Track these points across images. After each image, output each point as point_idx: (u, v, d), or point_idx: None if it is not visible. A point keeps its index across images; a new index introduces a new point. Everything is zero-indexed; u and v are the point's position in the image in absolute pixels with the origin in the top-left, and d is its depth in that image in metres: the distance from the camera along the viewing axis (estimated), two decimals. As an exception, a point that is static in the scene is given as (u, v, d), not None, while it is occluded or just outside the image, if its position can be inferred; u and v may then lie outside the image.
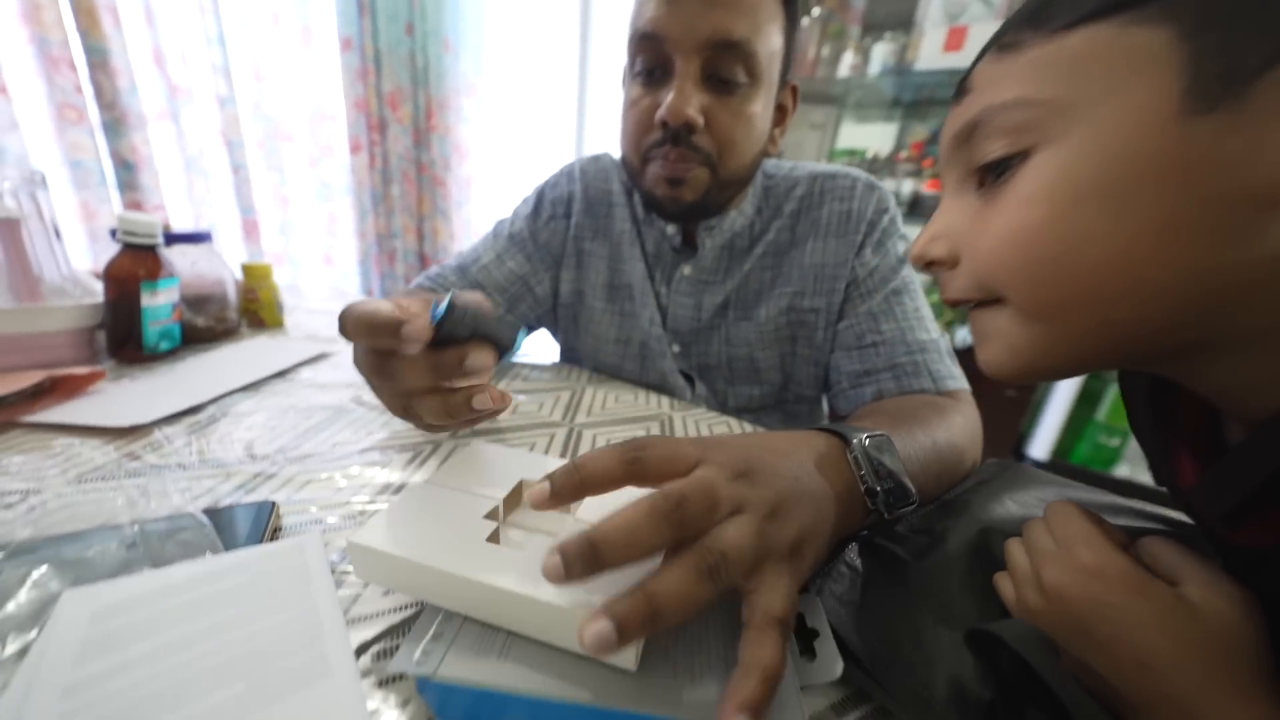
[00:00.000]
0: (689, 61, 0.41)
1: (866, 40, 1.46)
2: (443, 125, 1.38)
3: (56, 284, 0.47)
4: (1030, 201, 0.18)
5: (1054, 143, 0.17)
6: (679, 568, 0.18)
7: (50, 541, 0.23)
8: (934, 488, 0.31)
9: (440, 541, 0.20)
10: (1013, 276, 0.19)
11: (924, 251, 0.22)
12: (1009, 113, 0.18)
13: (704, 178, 0.45)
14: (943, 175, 0.23)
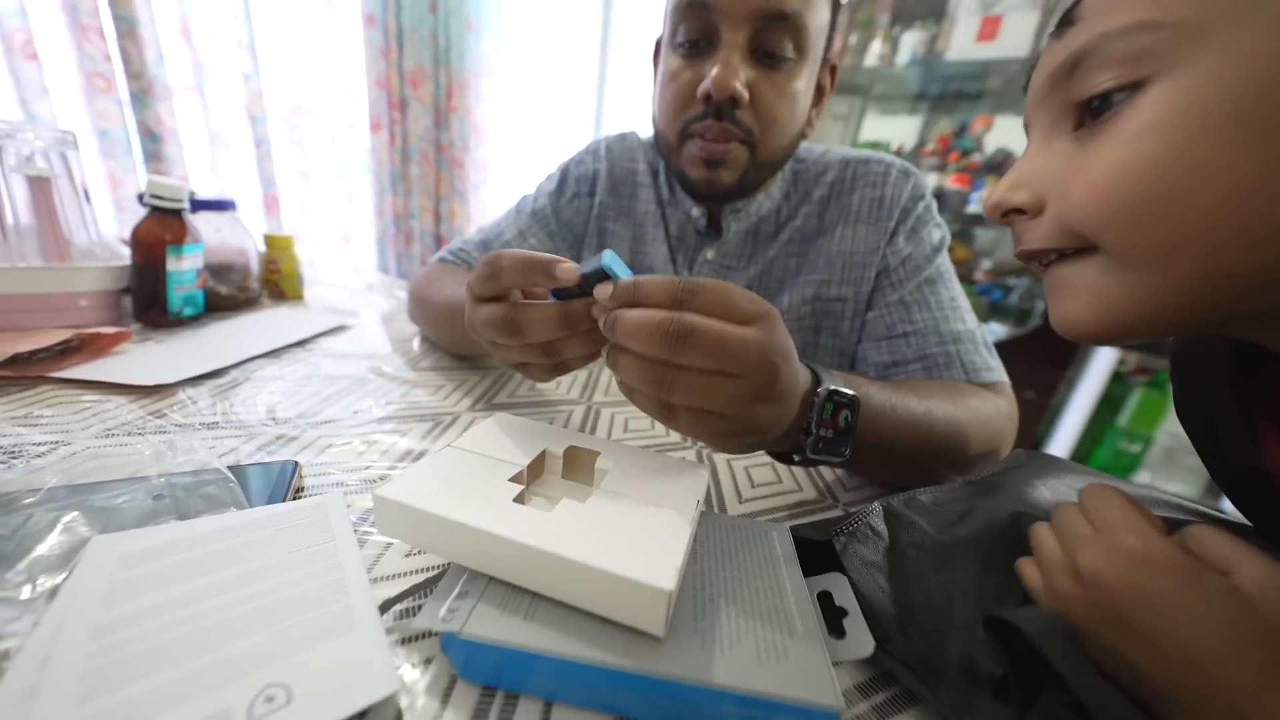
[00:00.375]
0: (736, 32, 0.40)
1: (896, 29, 1.42)
2: (462, 106, 1.37)
3: (85, 246, 0.47)
4: (1144, 134, 0.16)
5: (1177, 70, 0.16)
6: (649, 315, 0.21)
7: (80, 489, 0.23)
8: (913, 454, 0.32)
9: (466, 499, 0.20)
10: (1113, 217, 0.17)
11: (1004, 199, 0.21)
12: (1128, 38, 0.17)
13: (743, 158, 0.44)
14: (1031, 119, 0.21)
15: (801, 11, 0.39)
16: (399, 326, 0.59)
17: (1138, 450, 1.35)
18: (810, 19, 0.40)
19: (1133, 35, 0.17)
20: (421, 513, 0.19)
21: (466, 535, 0.19)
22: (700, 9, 0.40)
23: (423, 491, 0.20)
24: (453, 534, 0.19)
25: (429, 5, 1.23)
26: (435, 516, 0.19)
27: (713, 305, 0.21)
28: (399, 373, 0.45)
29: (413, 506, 0.19)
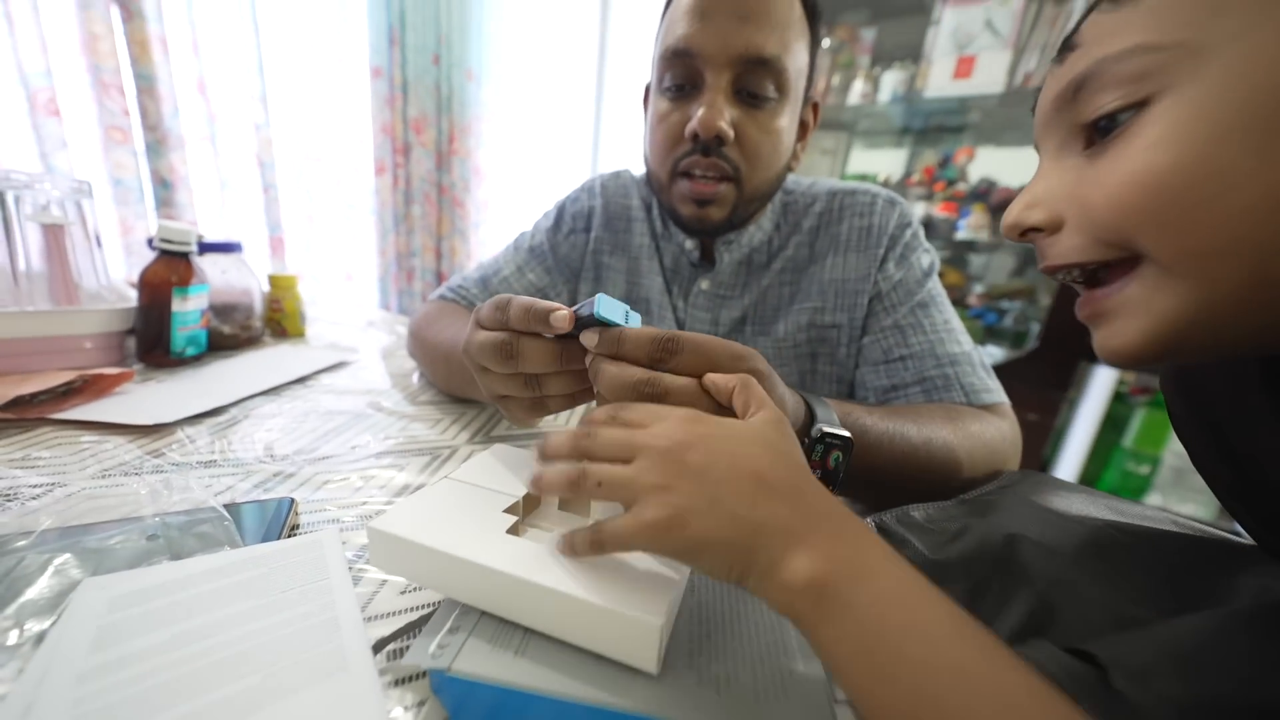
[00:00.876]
0: (720, 76, 0.42)
1: (876, 69, 1.49)
2: (463, 149, 1.43)
3: (93, 289, 0.48)
4: (1157, 145, 0.17)
5: (1181, 86, 0.16)
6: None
7: (73, 531, 0.23)
8: (914, 483, 0.32)
9: (460, 532, 0.20)
10: (1143, 222, 0.17)
11: (1021, 219, 0.21)
12: (1128, 61, 0.17)
13: (731, 195, 0.46)
14: (1040, 142, 0.22)
15: (780, 55, 0.42)
16: (398, 362, 0.60)
17: (1146, 472, 1.33)
18: (789, 62, 0.42)
19: (1133, 58, 0.17)
20: (415, 545, 0.19)
21: (458, 568, 0.19)
22: (685, 56, 0.43)
23: (417, 524, 0.20)
24: (445, 567, 0.19)
25: (432, 57, 1.30)
26: (428, 549, 0.19)
27: (690, 365, 0.22)
28: (397, 407, 0.45)
29: (406, 539, 0.19)
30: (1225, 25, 0.16)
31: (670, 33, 0.44)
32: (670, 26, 0.44)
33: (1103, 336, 0.20)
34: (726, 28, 0.41)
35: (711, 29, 0.41)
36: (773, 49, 0.41)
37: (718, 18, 0.41)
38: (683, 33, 0.42)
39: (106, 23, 0.76)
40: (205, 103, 0.94)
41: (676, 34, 0.43)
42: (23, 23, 0.69)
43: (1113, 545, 0.22)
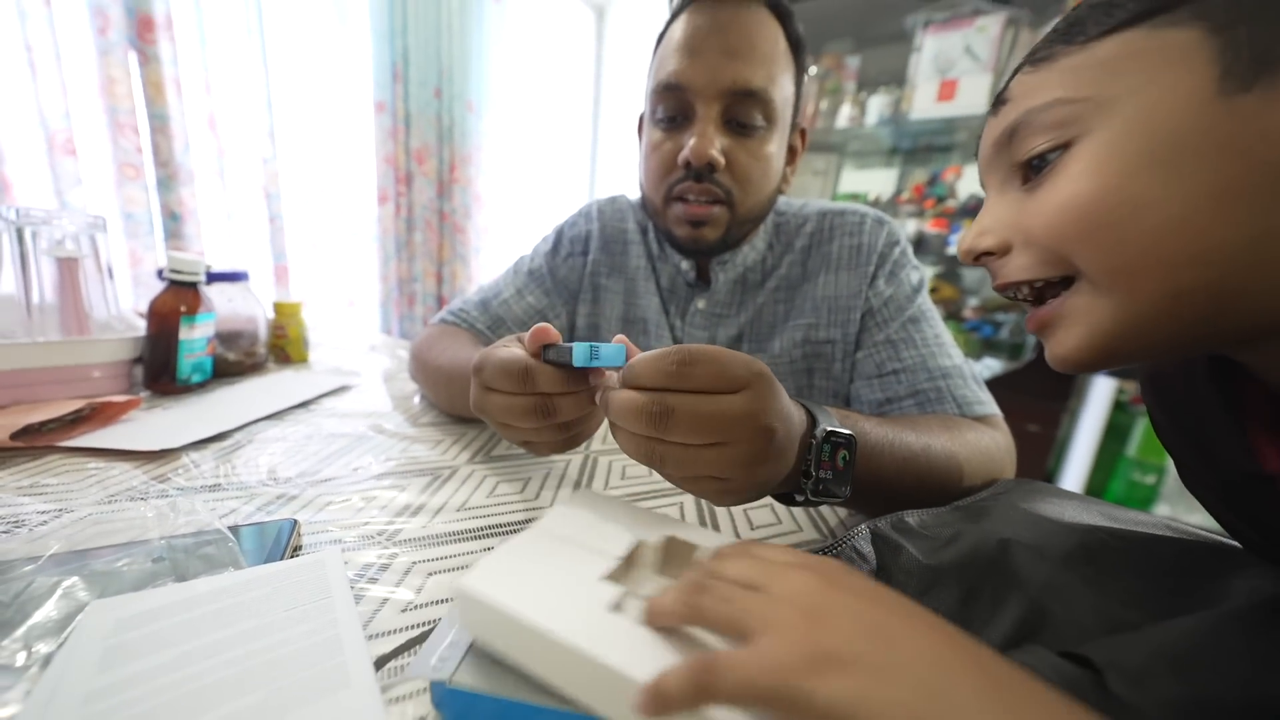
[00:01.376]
0: (710, 107, 0.44)
1: (862, 94, 1.55)
2: (464, 178, 1.47)
3: (103, 320, 0.49)
4: (1080, 176, 0.20)
5: (1095, 130, 0.20)
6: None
7: (81, 554, 0.23)
8: (913, 489, 0.32)
9: (564, 606, 0.17)
10: (1075, 242, 0.20)
11: (973, 245, 0.24)
12: (1050, 111, 0.21)
13: (724, 217, 0.48)
14: (985, 180, 0.25)
15: (767, 87, 0.44)
16: (400, 385, 0.61)
17: (1152, 481, 1.32)
18: (775, 93, 0.44)
19: (1054, 109, 0.21)
20: (517, 621, 0.17)
21: (567, 657, 0.16)
22: (677, 90, 0.45)
23: (514, 590, 0.18)
24: (548, 650, 0.16)
25: (434, 91, 1.35)
26: (535, 630, 0.16)
27: (704, 376, 0.23)
28: (399, 429, 0.46)
29: (508, 613, 0.17)
30: (1124, 82, 0.19)
31: (662, 68, 0.46)
32: (662, 62, 0.46)
33: (1051, 345, 0.23)
34: (715, 63, 0.43)
35: (701, 64, 0.43)
36: (759, 82, 0.43)
37: (707, 54, 0.43)
38: (674, 68, 0.45)
39: (124, 67, 0.80)
40: (215, 138, 0.97)
41: (668, 69, 0.45)
42: (45, 69, 0.72)
43: (1104, 549, 0.22)
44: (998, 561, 0.22)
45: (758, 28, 0.43)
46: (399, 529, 0.29)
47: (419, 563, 0.26)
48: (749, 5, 0.44)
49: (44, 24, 0.71)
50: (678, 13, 0.46)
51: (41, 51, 0.71)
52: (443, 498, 0.34)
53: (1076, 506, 0.27)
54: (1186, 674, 0.17)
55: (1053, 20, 1.23)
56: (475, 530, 0.30)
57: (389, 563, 0.26)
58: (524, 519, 0.32)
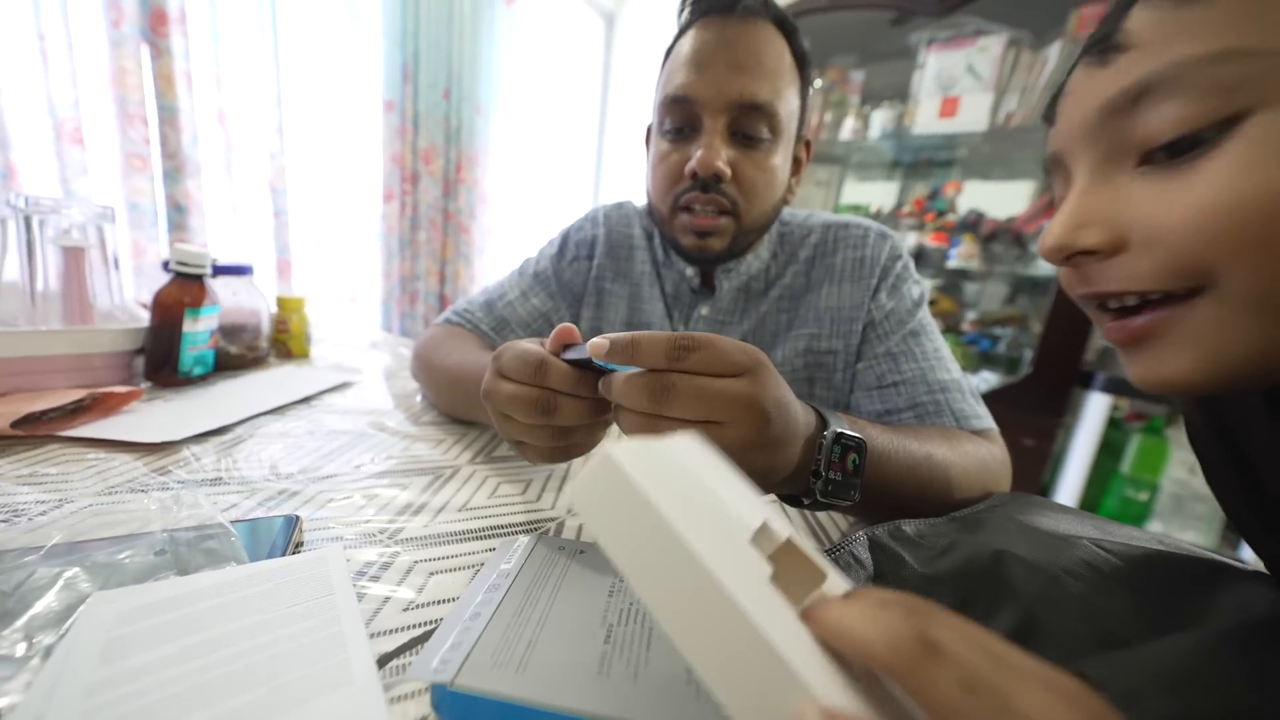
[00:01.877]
0: (716, 120, 0.45)
1: (866, 108, 1.56)
2: (470, 178, 1.47)
3: (107, 310, 0.49)
4: (1252, 168, 0.15)
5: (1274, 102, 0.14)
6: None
7: (83, 546, 0.23)
8: (916, 497, 0.32)
9: (724, 553, 0.13)
10: (1232, 251, 0.15)
11: (1069, 242, 0.19)
12: (1215, 68, 0.15)
13: (730, 227, 0.48)
14: (1068, 154, 0.20)
15: (772, 101, 0.44)
16: (401, 383, 0.61)
17: (1145, 498, 1.32)
18: (780, 107, 0.45)
19: (1224, 64, 0.15)
20: (669, 535, 0.12)
21: (709, 602, 0.12)
22: (684, 103, 0.45)
23: (672, 497, 0.13)
24: (694, 589, 0.12)
25: (443, 92, 1.35)
26: (685, 552, 0.12)
27: (705, 360, 0.23)
28: (400, 427, 0.46)
29: (662, 519, 0.13)
30: None
31: (670, 81, 0.47)
32: (670, 75, 0.47)
33: (1145, 364, 0.19)
34: (722, 77, 0.44)
35: (708, 78, 0.44)
36: (765, 95, 0.44)
37: (714, 68, 0.44)
38: (681, 81, 0.45)
39: (136, 59, 0.80)
40: (224, 132, 0.98)
41: (676, 82, 0.46)
42: (57, 59, 0.72)
43: (1097, 562, 0.22)
44: (992, 572, 0.22)
45: (764, 43, 0.44)
46: (400, 528, 0.29)
47: (420, 562, 0.26)
48: (755, 21, 0.44)
49: (58, 14, 0.71)
50: (685, 28, 0.47)
51: (54, 41, 0.71)
52: (444, 497, 0.34)
53: (1071, 520, 0.27)
54: (1180, 692, 0.17)
55: (1054, 43, 1.25)
56: (477, 531, 0.30)
57: (390, 561, 0.26)
58: (526, 520, 0.32)
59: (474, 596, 0.22)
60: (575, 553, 0.26)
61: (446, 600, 0.24)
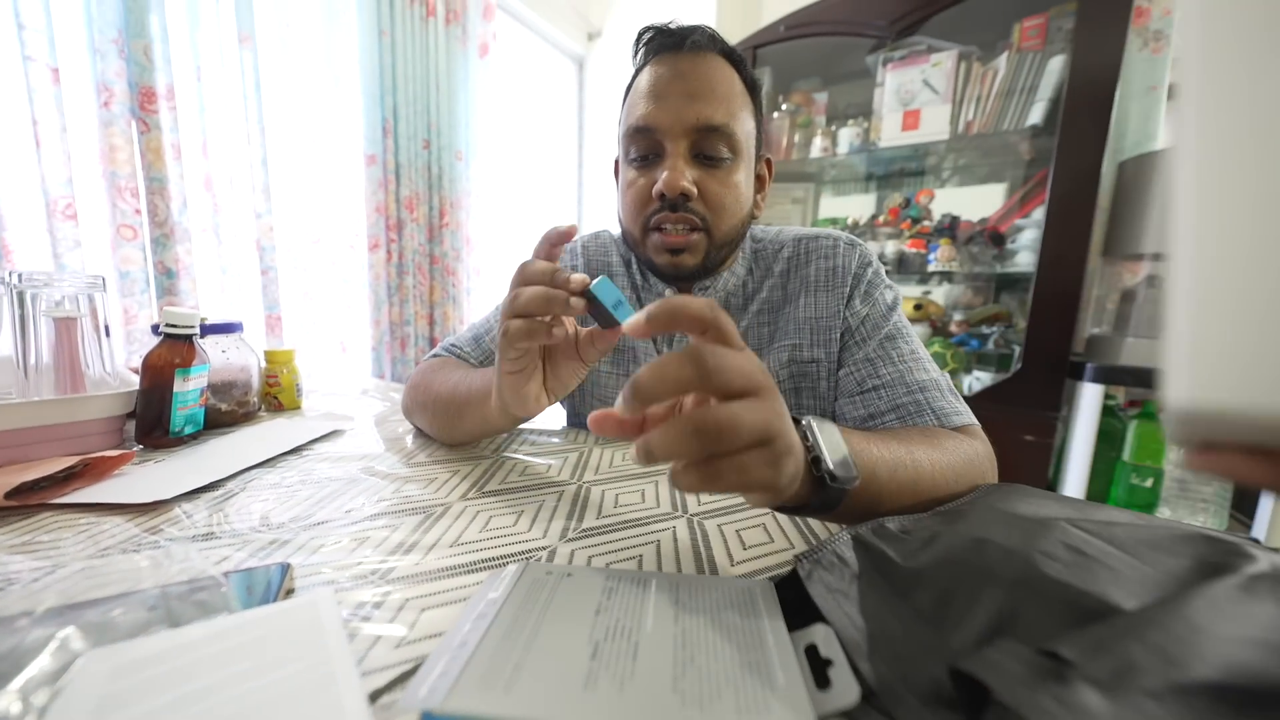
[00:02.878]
0: (678, 144, 0.48)
1: (832, 127, 1.63)
2: (454, 222, 1.51)
3: (98, 376, 0.50)
4: None
5: None
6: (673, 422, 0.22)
7: (76, 606, 0.23)
8: (907, 494, 0.33)
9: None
10: None
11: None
12: None
13: (702, 243, 0.50)
14: None
15: (728, 122, 0.48)
16: (393, 426, 0.61)
17: (1150, 484, 1.32)
18: (737, 128, 0.48)
19: None
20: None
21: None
22: (647, 131, 0.48)
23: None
24: None
25: (423, 143, 1.41)
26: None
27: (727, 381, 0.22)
28: (392, 469, 0.46)
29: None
30: None
31: (631, 113, 0.50)
32: (631, 109, 0.50)
33: None
34: (679, 105, 0.47)
35: (667, 107, 0.47)
36: (721, 118, 0.47)
37: (671, 98, 0.47)
38: (642, 112, 0.48)
39: (126, 135, 0.84)
40: (211, 197, 1.01)
41: (637, 114, 0.49)
42: (50, 142, 0.75)
43: (1074, 542, 0.23)
44: (972, 560, 0.22)
45: (714, 72, 0.48)
46: (392, 567, 0.30)
47: (412, 599, 0.27)
48: (704, 54, 0.48)
49: (51, 101, 0.75)
50: (641, 66, 0.51)
51: (47, 126, 0.75)
52: (435, 535, 0.34)
53: (1050, 505, 0.28)
54: (1159, 661, 0.17)
55: (1002, 54, 1.33)
56: (468, 564, 0.31)
57: (382, 600, 0.26)
58: (518, 551, 0.32)
59: (462, 626, 0.22)
60: (563, 576, 0.26)
61: (438, 635, 0.24)
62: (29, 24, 0.72)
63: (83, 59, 0.80)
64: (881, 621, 0.20)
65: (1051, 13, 1.25)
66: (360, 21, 1.24)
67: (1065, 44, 1.22)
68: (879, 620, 0.20)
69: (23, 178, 0.75)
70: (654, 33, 0.50)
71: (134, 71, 0.84)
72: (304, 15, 1.16)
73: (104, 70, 0.81)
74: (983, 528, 0.25)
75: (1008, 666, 0.17)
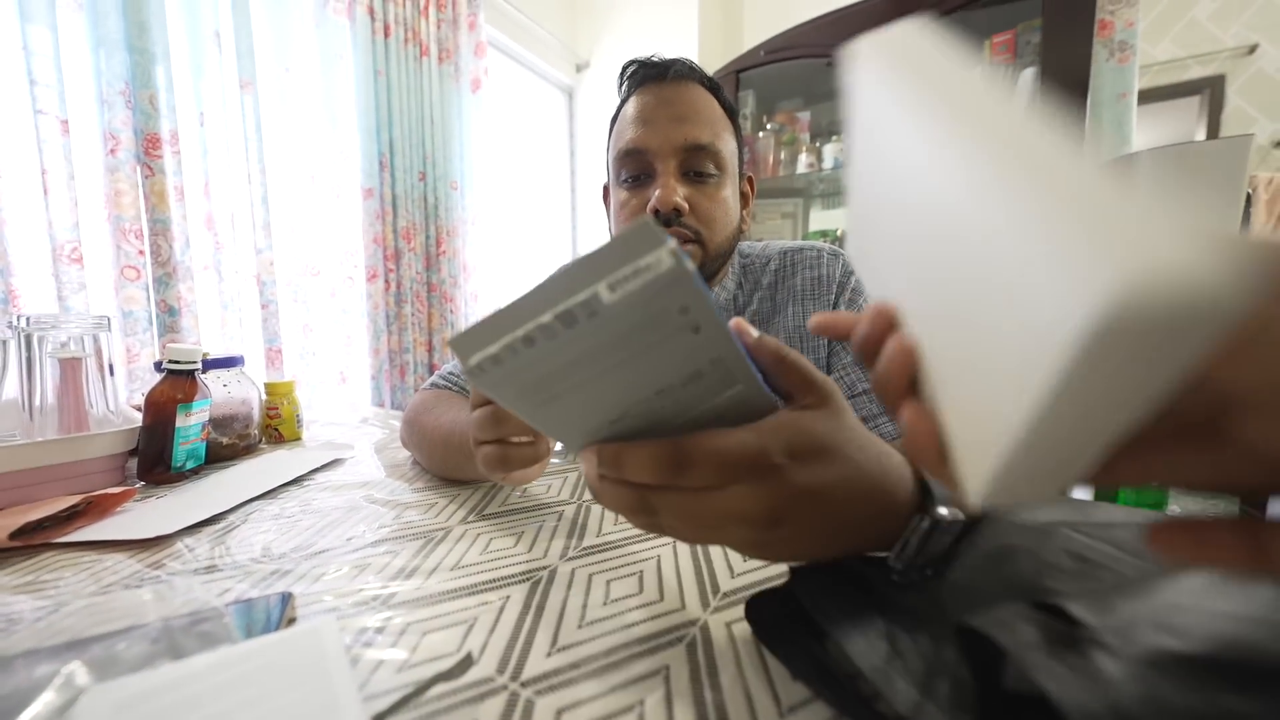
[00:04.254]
0: (667, 163, 0.50)
1: (816, 144, 1.68)
2: (451, 250, 1.54)
3: (101, 415, 0.51)
4: None
5: None
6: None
7: (80, 643, 0.23)
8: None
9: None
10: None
11: None
12: None
13: (696, 254, 0.53)
14: None
15: (713, 141, 0.51)
16: (392, 454, 0.62)
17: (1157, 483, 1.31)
18: (721, 147, 0.51)
19: None
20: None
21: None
22: (637, 153, 0.51)
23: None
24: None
25: (418, 175, 1.44)
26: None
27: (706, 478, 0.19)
28: (392, 496, 0.46)
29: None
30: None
31: (621, 137, 0.52)
32: (620, 134, 0.53)
33: None
34: (667, 127, 0.50)
35: (655, 130, 0.50)
36: (706, 138, 0.50)
37: (658, 121, 0.50)
38: (632, 136, 0.51)
39: (132, 180, 0.86)
40: (213, 235, 1.03)
41: (627, 138, 0.51)
42: (58, 190, 0.78)
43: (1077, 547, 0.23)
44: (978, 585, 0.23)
45: (695, 97, 0.51)
46: (394, 592, 0.30)
47: (414, 623, 0.27)
48: (685, 82, 0.51)
49: (59, 151, 0.77)
50: (627, 96, 0.54)
51: (56, 174, 0.77)
52: (437, 559, 0.34)
53: (1049, 507, 0.28)
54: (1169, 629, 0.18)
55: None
56: (470, 587, 0.31)
57: (384, 625, 0.27)
58: (520, 571, 0.33)
59: None
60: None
61: (441, 657, 0.24)
62: (41, 80, 0.75)
63: (91, 110, 0.83)
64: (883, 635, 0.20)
65: (1019, 28, 1.31)
66: (357, 63, 1.29)
67: (1034, 57, 1.26)
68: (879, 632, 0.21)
69: (30, 224, 0.77)
70: (638, 65, 0.53)
71: (140, 120, 0.87)
72: (303, 59, 1.21)
73: (111, 119, 0.84)
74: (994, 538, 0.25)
75: (1018, 629, 0.18)
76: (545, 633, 0.26)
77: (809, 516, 0.20)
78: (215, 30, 1.01)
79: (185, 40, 0.97)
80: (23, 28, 0.74)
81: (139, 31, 0.85)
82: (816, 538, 0.22)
